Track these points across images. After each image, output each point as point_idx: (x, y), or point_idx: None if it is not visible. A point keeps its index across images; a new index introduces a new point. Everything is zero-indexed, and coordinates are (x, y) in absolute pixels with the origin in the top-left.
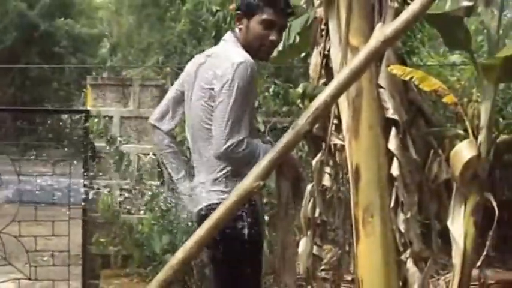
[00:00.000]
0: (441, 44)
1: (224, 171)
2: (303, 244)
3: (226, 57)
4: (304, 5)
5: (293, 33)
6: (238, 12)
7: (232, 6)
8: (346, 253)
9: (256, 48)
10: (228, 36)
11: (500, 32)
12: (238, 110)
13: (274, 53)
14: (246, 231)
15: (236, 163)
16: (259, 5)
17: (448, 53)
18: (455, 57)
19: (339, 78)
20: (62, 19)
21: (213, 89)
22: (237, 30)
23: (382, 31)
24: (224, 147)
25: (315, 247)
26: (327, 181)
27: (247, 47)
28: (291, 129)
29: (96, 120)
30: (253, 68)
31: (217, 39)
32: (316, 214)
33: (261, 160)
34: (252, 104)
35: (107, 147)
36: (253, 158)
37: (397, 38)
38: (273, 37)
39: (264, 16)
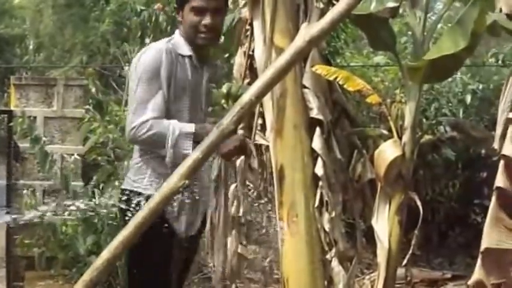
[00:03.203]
0: (365, 45)
1: (136, 160)
2: (228, 244)
3: None
4: (231, 6)
5: None
6: (175, 6)
7: (158, 5)
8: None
9: (194, 36)
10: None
11: (425, 33)
12: (143, 93)
13: None
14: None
15: (144, 144)
16: None
17: (371, 54)
18: (379, 58)
19: (264, 77)
20: None
21: None
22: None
23: (308, 31)
24: (128, 130)
25: (240, 246)
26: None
27: (187, 38)
28: (215, 128)
29: (20, 120)
30: (157, 52)
31: (142, 39)
32: (240, 213)
33: (187, 159)
34: (166, 87)
35: (31, 148)
36: (162, 137)
37: (322, 37)
38: (205, 21)
39: (192, 3)
